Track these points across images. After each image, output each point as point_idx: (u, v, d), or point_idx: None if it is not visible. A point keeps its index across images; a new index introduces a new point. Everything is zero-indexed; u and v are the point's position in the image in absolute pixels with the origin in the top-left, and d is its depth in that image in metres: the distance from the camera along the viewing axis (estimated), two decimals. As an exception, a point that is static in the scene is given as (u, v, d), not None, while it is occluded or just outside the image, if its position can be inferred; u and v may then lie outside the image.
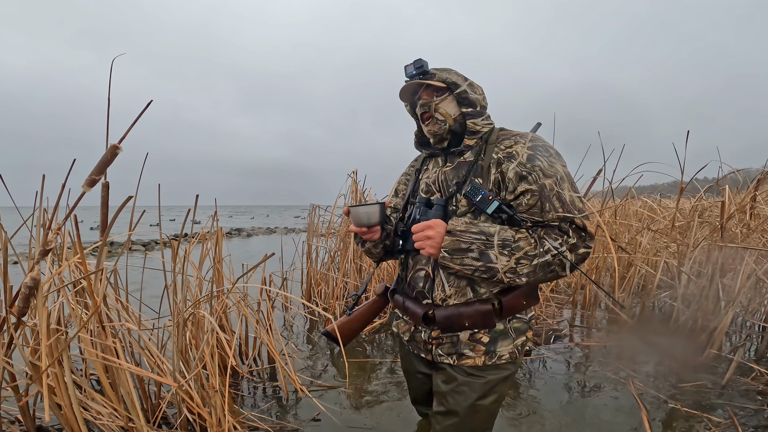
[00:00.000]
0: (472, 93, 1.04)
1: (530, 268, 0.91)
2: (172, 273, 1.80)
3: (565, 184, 0.94)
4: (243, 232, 16.23)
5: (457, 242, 0.93)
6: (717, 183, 2.98)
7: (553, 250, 0.91)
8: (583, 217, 0.93)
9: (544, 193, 0.93)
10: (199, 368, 1.58)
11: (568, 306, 3.84)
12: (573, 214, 0.93)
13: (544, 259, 0.91)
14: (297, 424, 1.87)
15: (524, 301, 1.02)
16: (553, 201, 0.93)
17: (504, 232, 0.93)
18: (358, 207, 1.03)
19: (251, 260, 2.07)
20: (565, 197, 0.93)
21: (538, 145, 0.98)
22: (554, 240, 0.92)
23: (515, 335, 1.03)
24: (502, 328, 1.02)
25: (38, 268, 1.12)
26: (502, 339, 1.02)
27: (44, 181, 1.60)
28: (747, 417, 1.93)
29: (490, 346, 1.02)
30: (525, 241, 0.91)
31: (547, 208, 0.93)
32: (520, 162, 0.96)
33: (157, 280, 2.08)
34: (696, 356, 2.54)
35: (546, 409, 2.02)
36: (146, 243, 10.64)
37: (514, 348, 1.03)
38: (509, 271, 0.91)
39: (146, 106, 1.22)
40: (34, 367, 1.36)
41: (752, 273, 2.49)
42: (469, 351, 1.02)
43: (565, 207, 0.93)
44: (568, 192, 0.94)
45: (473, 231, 0.93)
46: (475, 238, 0.92)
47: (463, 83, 1.04)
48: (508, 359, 1.02)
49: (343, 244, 3.67)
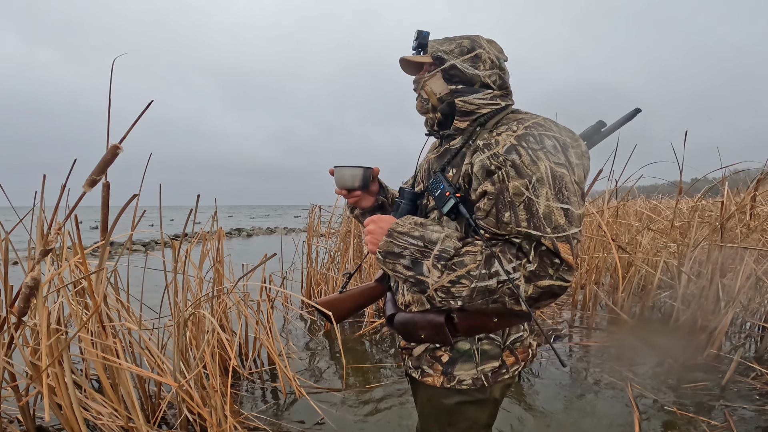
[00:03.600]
0: (470, 68, 0.85)
1: (468, 291, 0.73)
2: (173, 273, 1.80)
3: (543, 190, 0.71)
4: (243, 232, 16.24)
5: (391, 244, 0.79)
6: (718, 183, 2.99)
7: (501, 275, 0.71)
8: (558, 239, 0.70)
9: (504, 198, 0.73)
10: (199, 368, 1.58)
11: (567, 306, 3.84)
12: (541, 231, 0.71)
13: (485, 284, 0.72)
14: (296, 426, 1.87)
15: (494, 318, 0.82)
16: (517, 210, 0.72)
17: (448, 242, 0.75)
18: (342, 167, 0.96)
19: (251, 260, 2.07)
20: (538, 207, 0.71)
21: (531, 133, 0.75)
22: (509, 262, 0.71)
23: (480, 359, 0.84)
24: (466, 348, 0.84)
25: (38, 268, 1.12)
26: (462, 361, 0.84)
27: (44, 181, 1.60)
28: (744, 420, 1.93)
29: (448, 367, 0.85)
30: (471, 257, 0.73)
31: (506, 218, 0.73)
32: (495, 153, 0.75)
33: (158, 280, 2.08)
34: (696, 356, 2.54)
35: (545, 410, 2.02)
36: (146, 243, 10.64)
37: (479, 374, 0.84)
38: (440, 289, 0.74)
39: (146, 106, 1.22)
40: (34, 367, 1.36)
41: (752, 273, 2.49)
42: (428, 368, 0.88)
43: (533, 221, 0.71)
44: (545, 201, 0.71)
45: (414, 234, 0.78)
46: (411, 243, 0.77)
47: (456, 57, 0.86)
48: (471, 385, 0.84)
49: (343, 244, 3.67)
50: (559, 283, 0.72)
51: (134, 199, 1.46)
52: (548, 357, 2.65)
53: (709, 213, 3.32)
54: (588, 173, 0.80)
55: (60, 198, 1.32)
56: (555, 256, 0.71)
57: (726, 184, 2.83)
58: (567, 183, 0.72)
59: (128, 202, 1.43)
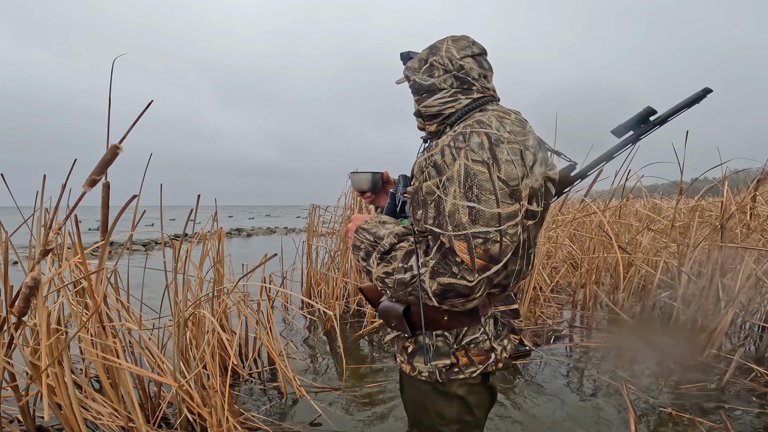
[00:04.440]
0: (427, 79, 0.90)
1: (393, 283, 0.80)
2: (173, 273, 1.80)
3: (452, 188, 0.73)
4: (243, 232, 16.24)
5: (355, 239, 0.89)
6: (718, 183, 2.98)
7: (414, 270, 0.77)
8: (455, 236, 0.72)
9: (417, 197, 0.80)
10: (199, 368, 1.58)
11: (568, 306, 3.84)
12: (442, 229, 0.73)
13: (401, 276, 0.78)
14: (296, 426, 1.87)
15: (445, 316, 0.85)
16: (428, 208, 0.77)
17: (389, 238, 0.82)
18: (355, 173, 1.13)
19: (251, 260, 2.07)
20: (445, 205, 0.74)
21: (463, 132, 0.77)
22: (422, 257, 0.77)
23: (433, 354, 0.87)
24: (426, 342, 0.87)
25: (38, 268, 1.12)
26: (420, 354, 0.89)
27: (45, 181, 1.60)
28: (742, 422, 1.93)
29: (410, 357, 0.91)
30: (402, 251, 0.80)
31: (418, 216, 0.79)
32: (431, 154, 0.79)
33: (158, 280, 2.08)
34: (696, 356, 2.54)
35: (544, 411, 2.02)
36: (146, 243, 10.64)
37: (433, 368, 0.87)
38: (379, 279, 0.83)
39: (147, 106, 1.22)
40: (34, 367, 1.36)
41: (752, 273, 2.49)
42: (399, 355, 0.95)
43: (438, 219, 0.74)
44: (452, 199, 0.73)
45: (371, 231, 0.86)
46: (366, 239, 0.86)
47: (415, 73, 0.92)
48: (428, 378, 0.88)
49: (343, 244, 3.67)
50: (462, 283, 0.72)
51: (134, 199, 1.46)
52: (546, 358, 2.65)
53: (709, 213, 3.32)
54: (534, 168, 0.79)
55: (60, 198, 1.32)
56: (451, 254, 0.72)
57: (726, 184, 2.83)
58: (481, 181, 0.72)
59: (128, 202, 1.43)
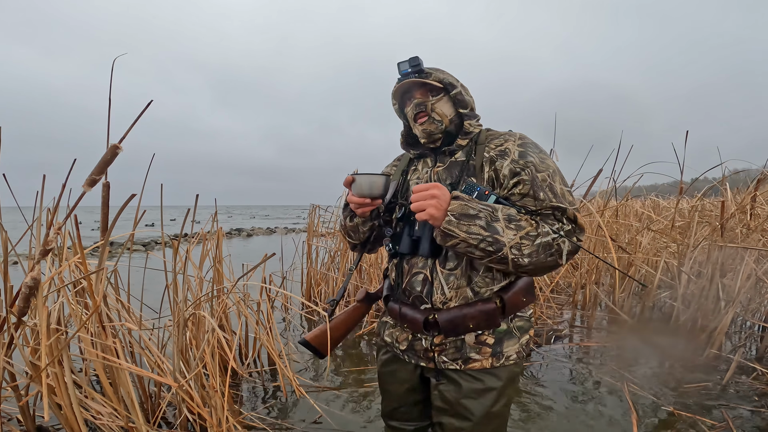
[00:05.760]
0: (466, 95, 1.07)
1: (533, 248, 0.90)
2: (173, 273, 1.80)
3: (557, 178, 0.97)
4: (243, 232, 16.23)
5: (465, 207, 0.90)
6: (718, 183, 2.98)
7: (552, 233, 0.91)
8: (574, 209, 0.95)
9: (536, 183, 0.95)
10: (199, 368, 1.58)
11: (568, 307, 3.84)
12: (565, 204, 0.95)
13: (546, 239, 0.90)
14: (296, 425, 1.87)
15: (524, 298, 1.03)
16: (546, 191, 0.95)
17: (507, 209, 0.92)
18: (363, 175, 0.99)
19: (251, 260, 2.07)
20: (557, 189, 0.96)
21: (528, 143, 1.01)
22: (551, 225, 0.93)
23: (519, 334, 1.03)
24: (505, 328, 1.02)
25: (38, 268, 1.12)
26: (507, 339, 1.02)
27: (44, 181, 1.60)
28: (743, 420, 1.93)
29: (496, 347, 1.01)
30: (526, 221, 0.91)
31: (541, 197, 0.95)
32: (513, 159, 0.98)
33: (158, 280, 2.08)
34: (696, 356, 2.54)
35: (544, 411, 2.02)
36: (146, 243, 10.64)
37: (519, 347, 1.03)
38: (515, 246, 0.89)
39: (147, 105, 1.22)
40: (34, 367, 1.36)
41: (752, 273, 2.49)
42: (476, 354, 1.00)
43: (558, 198, 0.95)
44: (559, 185, 0.96)
45: (479, 201, 0.92)
46: (482, 208, 0.91)
47: (459, 85, 1.06)
48: (515, 359, 1.02)
49: (343, 244, 3.67)
50: (579, 243, 0.95)
51: (133, 198, 1.45)
52: (549, 358, 2.65)
53: (709, 213, 3.32)
54: None
55: (60, 198, 1.32)
56: (574, 222, 0.94)
57: (727, 184, 2.83)
58: (562, 175, 1.00)
59: (127, 202, 1.43)
